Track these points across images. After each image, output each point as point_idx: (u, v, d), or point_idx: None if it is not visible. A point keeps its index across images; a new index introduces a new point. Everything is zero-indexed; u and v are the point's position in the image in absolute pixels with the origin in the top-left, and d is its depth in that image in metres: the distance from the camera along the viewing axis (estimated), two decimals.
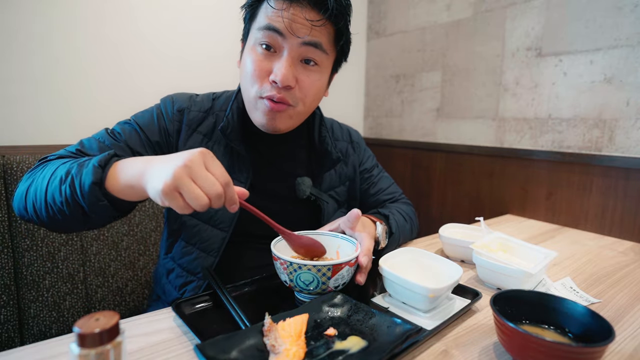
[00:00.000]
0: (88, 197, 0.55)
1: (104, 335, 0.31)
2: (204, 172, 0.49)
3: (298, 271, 0.58)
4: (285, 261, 0.58)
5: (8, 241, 0.93)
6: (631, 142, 1.09)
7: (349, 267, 0.60)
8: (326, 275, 0.58)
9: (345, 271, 0.60)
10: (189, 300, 0.62)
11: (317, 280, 0.58)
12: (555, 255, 0.73)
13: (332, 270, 0.58)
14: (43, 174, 0.62)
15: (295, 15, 0.66)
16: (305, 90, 0.71)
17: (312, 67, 0.71)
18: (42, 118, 1.16)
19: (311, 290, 0.59)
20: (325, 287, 0.59)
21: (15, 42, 1.09)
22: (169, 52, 1.37)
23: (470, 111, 1.52)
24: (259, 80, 0.69)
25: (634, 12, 1.06)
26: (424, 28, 1.68)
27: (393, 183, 1.03)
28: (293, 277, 0.59)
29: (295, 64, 0.69)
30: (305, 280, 0.58)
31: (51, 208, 0.59)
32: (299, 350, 0.47)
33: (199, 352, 0.44)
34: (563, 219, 1.25)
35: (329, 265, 0.57)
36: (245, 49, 0.74)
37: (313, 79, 0.71)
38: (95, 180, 0.55)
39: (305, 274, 0.57)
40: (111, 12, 1.24)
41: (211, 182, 0.49)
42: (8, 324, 0.94)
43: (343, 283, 0.61)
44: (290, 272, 0.58)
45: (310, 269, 0.57)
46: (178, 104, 0.79)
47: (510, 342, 0.47)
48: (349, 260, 0.59)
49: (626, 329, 0.59)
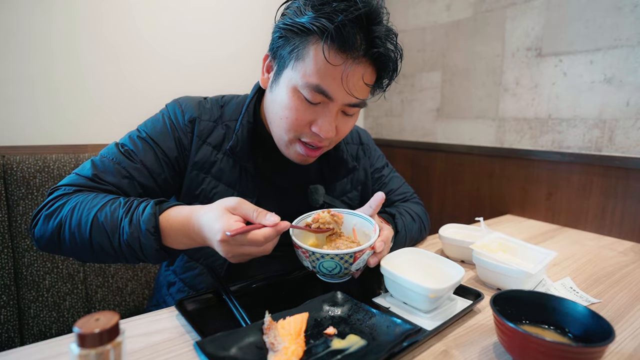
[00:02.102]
0: (150, 257, 0.60)
1: (104, 335, 0.31)
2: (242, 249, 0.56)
3: (321, 260, 0.59)
4: (307, 251, 0.59)
5: (8, 241, 0.93)
6: (631, 142, 1.09)
7: (370, 250, 0.62)
8: (348, 262, 0.60)
9: (367, 255, 0.62)
10: (192, 298, 0.62)
11: (340, 266, 0.60)
12: (555, 256, 0.73)
13: (354, 257, 0.60)
14: (76, 219, 0.60)
15: (353, 77, 0.62)
16: (342, 134, 0.72)
17: (351, 115, 0.70)
18: (42, 118, 1.16)
19: (334, 274, 0.62)
20: (347, 272, 0.62)
21: (14, 43, 1.09)
22: (168, 53, 1.38)
23: (470, 111, 1.52)
24: (298, 129, 0.67)
25: (634, 12, 1.06)
26: (424, 28, 1.68)
27: (404, 183, 1.02)
28: (316, 265, 0.61)
29: (338, 117, 0.68)
30: (328, 267, 0.60)
31: (98, 255, 0.61)
32: (297, 348, 0.47)
33: (199, 348, 0.44)
34: (563, 219, 1.25)
35: (350, 253, 0.59)
36: (281, 84, 0.67)
37: (351, 124, 0.72)
38: (156, 248, 0.58)
39: (328, 262, 0.59)
40: (110, 13, 1.24)
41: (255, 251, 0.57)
42: (8, 324, 0.93)
43: (364, 265, 0.64)
44: (312, 260, 0.60)
45: (333, 257, 0.58)
46: (189, 114, 0.75)
47: (510, 342, 0.47)
48: (370, 245, 0.61)
49: (626, 329, 0.59)
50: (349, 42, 0.59)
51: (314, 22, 0.59)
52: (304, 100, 0.64)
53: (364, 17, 0.60)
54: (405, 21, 1.76)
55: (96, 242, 0.60)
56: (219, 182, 0.75)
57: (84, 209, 0.61)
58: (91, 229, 0.59)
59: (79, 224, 0.60)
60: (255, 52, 1.57)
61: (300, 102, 0.65)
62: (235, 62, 1.54)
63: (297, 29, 0.61)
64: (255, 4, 1.57)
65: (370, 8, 0.60)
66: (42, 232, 0.63)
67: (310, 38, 0.61)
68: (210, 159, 0.75)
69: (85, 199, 0.62)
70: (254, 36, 1.57)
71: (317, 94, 0.63)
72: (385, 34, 0.63)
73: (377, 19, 0.62)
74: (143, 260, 0.61)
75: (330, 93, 0.63)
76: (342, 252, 0.58)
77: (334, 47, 0.60)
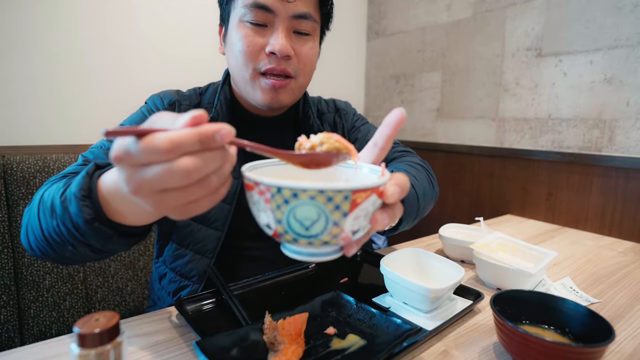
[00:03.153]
0: (92, 237, 0.45)
1: (104, 336, 0.31)
2: (151, 175, 0.31)
3: (292, 202, 0.32)
4: (270, 187, 0.32)
5: (8, 241, 0.93)
6: (631, 142, 1.09)
7: (377, 196, 0.34)
8: (341, 209, 0.32)
9: (371, 204, 0.34)
10: (191, 298, 0.62)
11: (326, 217, 0.32)
12: (555, 255, 0.73)
13: (350, 199, 0.32)
14: (33, 206, 0.52)
15: None
16: (304, 59, 0.71)
17: (305, 37, 0.71)
18: (43, 118, 1.16)
19: (313, 236, 0.33)
20: (337, 232, 0.34)
21: (16, 42, 1.09)
22: (170, 51, 1.37)
23: (470, 111, 1.52)
24: (253, 56, 0.67)
25: (634, 12, 1.06)
26: (424, 28, 1.68)
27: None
28: (283, 216, 0.33)
29: (289, 35, 0.68)
30: (304, 218, 0.32)
31: (54, 248, 0.50)
32: (297, 348, 0.47)
33: (199, 348, 0.44)
34: (563, 219, 1.25)
35: (346, 191, 0.32)
36: (230, 31, 0.70)
37: (308, 47, 0.71)
38: (87, 217, 0.42)
39: (306, 207, 0.32)
40: (112, 11, 1.24)
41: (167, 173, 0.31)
42: (8, 324, 0.93)
43: (364, 227, 0.36)
44: (278, 205, 0.32)
45: (314, 196, 0.31)
46: (168, 99, 0.76)
47: (510, 342, 0.47)
48: (378, 185, 0.34)
49: (626, 329, 0.59)
50: None
51: None
52: (251, 26, 0.67)
53: None
54: (405, 21, 1.76)
55: (46, 230, 0.48)
56: None
57: (39, 197, 0.52)
58: (38, 212, 0.50)
59: (37, 210, 0.51)
60: None
61: (247, 29, 0.67)
62: None
63: None
64: None
65: None
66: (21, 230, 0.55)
67: None
68: None
69: (47, 187, 0.54)
70: None
71: (257, 10, 0.65)
72: None
73: None
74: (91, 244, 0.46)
75: (268, 4, 0.64)
76: (331, 186, 0.31)
77: None
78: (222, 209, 0.73)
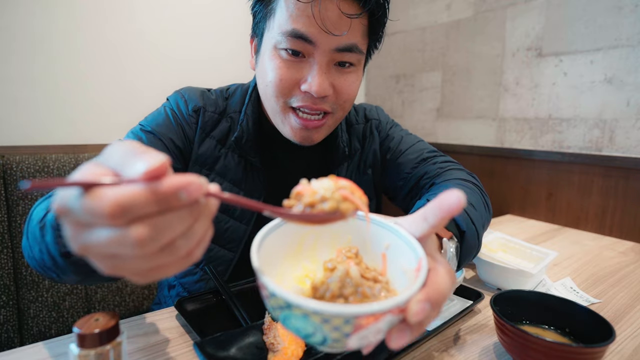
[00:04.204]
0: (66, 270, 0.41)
1: (103, 336, 0.31)
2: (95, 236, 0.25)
3: (286, 312, 0.28)
4: (266, 286, 0.28)
5: (8, 241, 0.93)
6: (631, 142, 1.09)
7: (392, 315, 0.28)
8: (341, 331, 0.27)
9: (386, 323, 0.28)
10: (192, 299, 0.62)
11: (323, 335, 0.28)
12: (555, 256, 0.73)
13: (353, 323, 0.26)
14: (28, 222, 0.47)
15: (327, 9, 0.55)
16: (344, 95, 0.62)
17: (348, 69, 0.62)
18: (42, 118, 1.16)
19: (314, 343, 0.29)
20: (340, 347, 0.29)
21: (15, 43, 1.09)
22: (169, 51, 1.37)
23: (470, 111, 1.52)
24: (285, 91, 0.60)
25: (634, 12, 1.06)
26: (424, 28, 1.68)
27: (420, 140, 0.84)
28: (280, 317, 0.29)
29: (329, 69, 0.60)
30: (300, 328, 0.28)
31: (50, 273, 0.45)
32: (297, 348, 0.47)
33: (199, 349, 0.44)
34: (563, 219, 1.25)
35: (348, 316, 0.26)
36: (263, 52, 0.62)
37: (350, 81, 0.63)
38: (62, 252, 0.39)
39: (300, 321, 0.27)
40: (110, 11, 1.24)
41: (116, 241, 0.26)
42: (8, 324, 0.93)
43: (377, 340, 0.29)
44: (273, 307, 0.29)
45: (307, 315, 0.27)
46: (193, 103, 0.70)
47: (510, 342, 0.47)
48: (398, 305, 0.27)
49: (626, 329, 0.59)
50: None
51: None
52: (286, 55, 0.59)
53: None
54: (405, 21, 1.76)
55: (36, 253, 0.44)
56: (223, 180, 0.70)
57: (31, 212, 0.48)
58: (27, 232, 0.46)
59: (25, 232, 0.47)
60: None
61: (282, 59, 0.59)
62: (236, 59, 1.54)
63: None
64: None
65: None
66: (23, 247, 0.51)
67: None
68: (213, 154, 0.70)
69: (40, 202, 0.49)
70: None
71: (295, 40, 0.57)
72: None
73: None
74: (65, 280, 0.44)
75: (308, 35, 0.56)
76: (329, 309, 0.26)
77: None
78: (238, 230, 0.70)
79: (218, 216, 0.71)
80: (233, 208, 0.70)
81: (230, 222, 0.71)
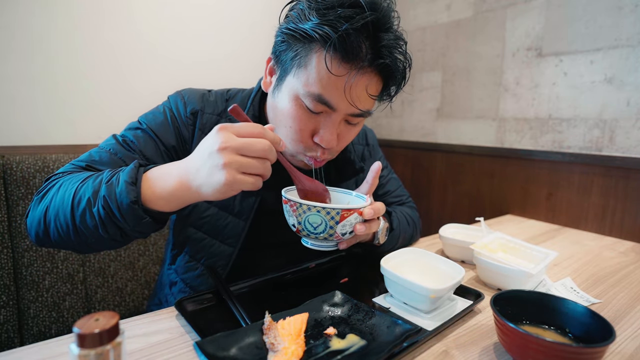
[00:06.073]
0: (129, 218, 0.52)
1: (103, 336, 0.31)
2: (243, 140, 0.49)
3: (307, 213, 0.57)
4: (295, 203, 0.57)
5: (8, 241, 0.93)
6: (631, 142, 1.09)
7: (358, 215, 0.59)
8: (334, 219, 0.57)
9: (354, 218, 0.59)
10: (191, 299, 0.62)
11: (325, 223, 0.57)
12: (555, 256, 0.73)
13: (340, 214, 0.57)
14: (61, 195, 0.56)
15: (357, 88, 0.59)
16: (344, 142, 0.69)
17: (355, 124, 0.67)
18: (41, 118, 1.16)
19: (319, 234, 0.59)
20: (332, 232, 0.58)
21: (14, 42, 1.09)
22: (167, 52, 1.37)
23: (470, 111, 1.52)
24: (302, 140, 0.65)
25: (634, 12, 1.06)
26: (424, 28, 1.68)
27: (401, 186, 1.00)
28: (302, 220, 0.58)
29: (340, 124, 0.65)
30: (313, 222, 0.58)
31: (82, 233, 0.55)
32: (297, 348, 0.47)
33: (199, 349, 0.44)
34: (563, 219, 1.25)
35: (337, 209, 0.57)
36: (284, 90, 0.64)
37: (353, 132, 0.69)
38: (132, 199, 0.51)
39: (314, 216, 0.57)
40: (109, 12, 1.24)
41: (255, 143, 0.49)
42: (8, 324, 0.93)
43: (350, 232, 0.60)
44: (299, 214, 0.58)
45: (319, 210, 0.56)
46: (191, 106, 0.72)
47: (510, 342, 0.47)
48: (358, 208, 0.59)
49: (626, 330, 0.59)
50: (353, 52, 0.56)
51: (317, 30, 0.56)
52: (306, 109, 0.62)
53: (370, 25, 0.56)
54: (405, 21, 1.76)
55: (78, 215, 0.54)
56: None
57: (68, 184, 0.57)
58: (73, 199, 0.54)
59: (62, 198, 0.55)
60: (255, 51, 1.57)
61: (303, 111, 0.62)
62: (235, 60, 1.54)
63: (300, 35, 0.58)
64: (255, 1, 1.56)
65: (378, 14, 0.56)
66: (32, 219, 0.59)
67: (313, 45, 0.58)
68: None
69: (73, 177, 0.58)
70: (253, 35, 1.57)
71: (318, 103, 0.60)
72: (394, 43, 0.60)
73: (385, 25, 0.58)
74: (123, 226, 0.53)
75: (332, 104, 0.60)
76: (330, 206, 0.56)
77: (337, 56, 0.56)
78: (237, 226, 0.73)
79: (218, 213, 0.73)
80: (232, 206, 0.73)
81: (230, 219, 0.73)
